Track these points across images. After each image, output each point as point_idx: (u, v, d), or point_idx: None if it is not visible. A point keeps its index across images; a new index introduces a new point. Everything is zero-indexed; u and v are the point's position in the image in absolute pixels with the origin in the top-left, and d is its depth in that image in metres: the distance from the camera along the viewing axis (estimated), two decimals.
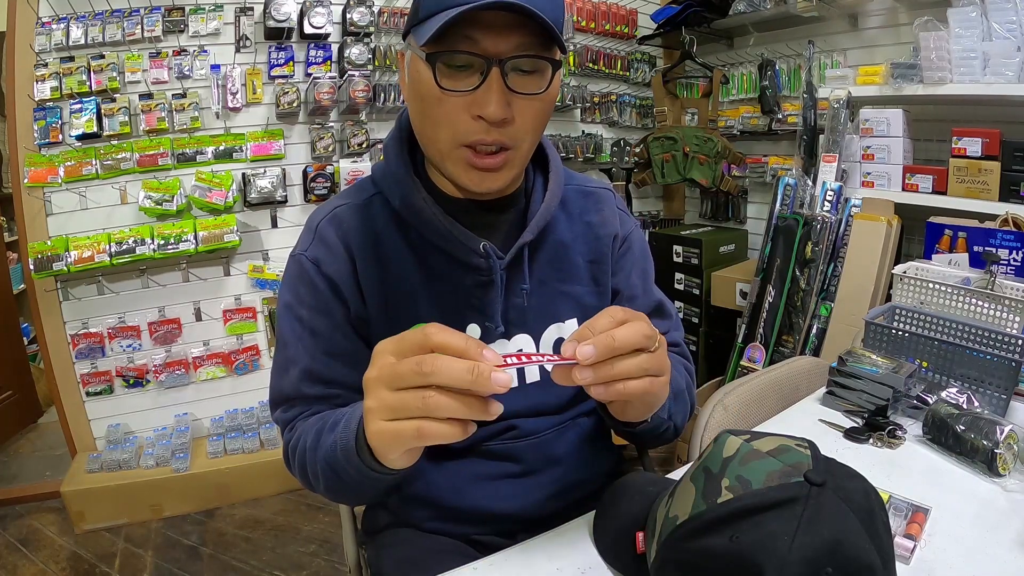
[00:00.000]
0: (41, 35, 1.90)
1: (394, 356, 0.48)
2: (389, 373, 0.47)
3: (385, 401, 0.47)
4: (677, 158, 2.58)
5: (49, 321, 2.03)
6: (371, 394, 0.49)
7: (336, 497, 0.72)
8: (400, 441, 0.48)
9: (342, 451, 0.59)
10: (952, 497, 0.74)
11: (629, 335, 0.50)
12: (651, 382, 0.53)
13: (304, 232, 0.77)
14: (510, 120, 0.64)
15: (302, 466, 0.70)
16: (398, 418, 0.47)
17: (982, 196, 1.78)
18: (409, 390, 0.46)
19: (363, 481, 0.59)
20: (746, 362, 2.26)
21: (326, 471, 0.64)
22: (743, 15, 2.41)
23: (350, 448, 0.58)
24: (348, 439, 0.58)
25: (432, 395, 0.45)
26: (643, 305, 0.87)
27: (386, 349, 0.49)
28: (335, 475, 0.62)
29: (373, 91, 2.21)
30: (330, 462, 0.62)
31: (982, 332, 1.02)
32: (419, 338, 0.46)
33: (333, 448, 0.61)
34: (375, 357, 0.50)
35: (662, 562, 0.54)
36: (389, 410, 0.47)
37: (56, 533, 1.99)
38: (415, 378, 0.45)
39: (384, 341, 0.50)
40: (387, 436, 0.48)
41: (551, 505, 0.80)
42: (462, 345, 0.45)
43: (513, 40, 0.61)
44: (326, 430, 0.65)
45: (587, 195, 0.85)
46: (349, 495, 0.73)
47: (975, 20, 1.74)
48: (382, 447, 0.51)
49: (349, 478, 0.60)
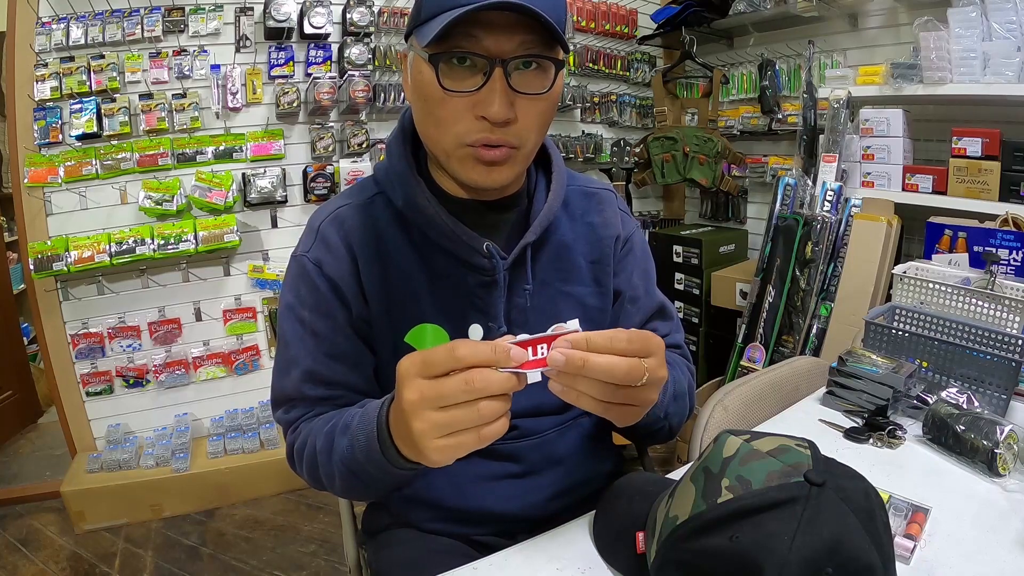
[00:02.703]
0: (41, 35, 1.90)
1: (423, 378, 0.49)
2: (434, 395, 0.49)
3: (436, 421, 0.49)
4: (677, 158, 2.58)
5: (49, 321, 2.03)
6: (417, 416, 0.50)
7: (352, 496, 0.75)
8: (463, 451, 0.51)
9: (361, 452, 0.61)
10: (952, 497, 0.74)
11: (604, 366, 0.50)
12: (606, 408, 0.54)
13: (306, 233, 0.77)
14: (513, 120, 0.64)
15: (312, 468, 0.70)
16: (453, 432, 0.50)
17: (982, 196, 1.78)
18: (459, 406, 0.49)
19: (386, 478, 0.62)
20: (746, 362, 2.26)
21: (344, 474, 0.66)
22: (743, 15, 2.40)
23: (372, 449, 0.59)
24: (368, 440, 0.60)
25: (484, 404, 0.48)
26: (645, 307, 0.87)
27: (414, 372, 0.50)
28: (353, 475, 0.64)
29: (373, 91, 2.21)
30: (348, 464, 0.64)
31: (982, 332, 1.02)
32: (448, 359, 0.48)
33: (350, 450, 0.63)
34: (403, 379, 0.50)
35: (662, 562, 0.54)
36: (443, 427, 0.49)
37: (56, 533, 1.99)
38: (464, 396, 0.48)
39: (406, 362, 0.51)
40: (450, 451, 0.50)
41: (552, 505, 0.80)
42: (491, 355, 0.48)
43: (516, 40, 0.61)
44: (337, 433, 0.66)
45: (589, 196, 0.85)
46: (368, 493, 0.74)
47: (975, 20, 1.74)
48: (445, 460, 0.52)
49: (370, 478, 0.63)
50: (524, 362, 0.50)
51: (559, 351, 0.50)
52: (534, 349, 0.50)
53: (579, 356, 0.50)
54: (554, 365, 0.50)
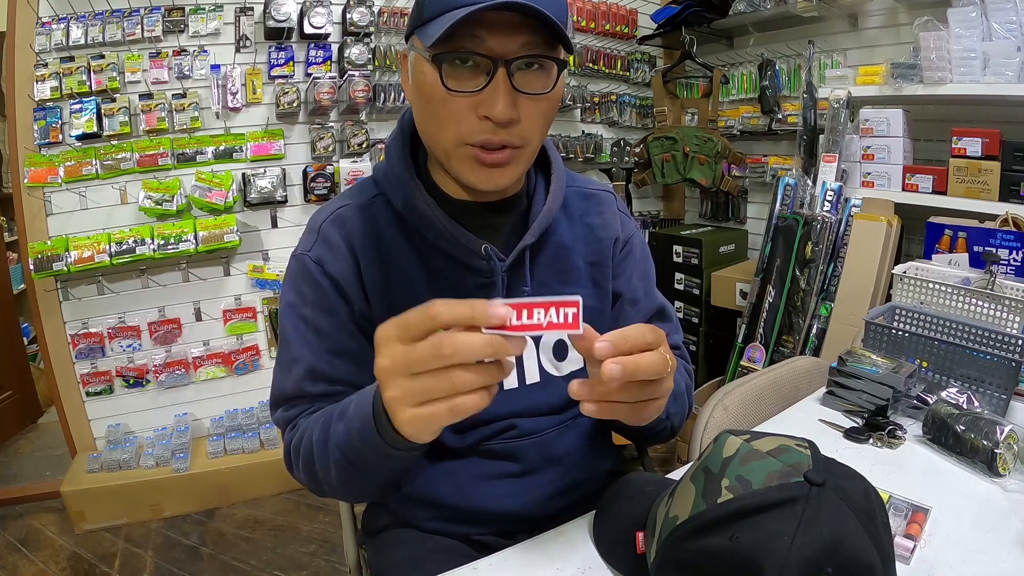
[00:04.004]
0: (41, 35, 1.90)
1: (401, 342, 0.47)
2: (405, 360, 0.46)
3: (409, 388, 0.47)
4: (677, 158, 2.58)
5: (49, 321, 2.03)
6: (390, 384, 0.48)
7: (348, 490, 0.69)
8: (435, 423, 0.48)
9: (357, 435, 0.58)
10: (952, 497, 0.74)
11: (650, 365, 0.50)
12: (640, 409, 0.54)
13: (306, 233, 0.77)
14: (516, 120, 0.64)
15: (308, 462, 0.68)
16: (427, 401, 0.47)
17: (982, 196, 1.78)
18: (431, 373, 0.45)
19: (382, 463, 0.59)
20: (746, 362, 2.26)
21: (340, 462, 0.63)
22: (743, 15, 2.40)
23: (368, 430, 0.56)
24: (364, 423, 0.57)
25: (457, 373, 0.45)
26: (645, 308, 0.87)
27: (391, 335, 0.47)
28: (349, 464, 0.62)
29: (373, 91, 2.21)
30: (344, 450, 0.61)
31: (982, 332, 1.02)
32: (423, 319, 0.45)
33: (347, 435, 0.60)
34: (380, 344, 0.48)
35: (662, 562, 0.54)
36: (415, 396, 0.47)
37: (56, 533, 1.99)
38: (435, 361, 0.45)
39: (385, 326, 0.48)
40: (421, 421, 0.48)
41: (551, 505, 0.80)
42: (469, 313, 0.44)
43: (519, 40, 0.61)
44: (334, 420, 0.64)
45: (588, 197, 0.85)
46: (364, 486, 0.69)
47: (975, 20, 1.74)
48: (417, 432, 0.50)
49: (366, 464, 0.60)
50: (513, 324, 0.45)
51: (613, 363, 0.48)
52: (529, 313, 0.45)
53: (632, 361, 0.49)
54: (613, 378, 0.47)
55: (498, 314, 0.44)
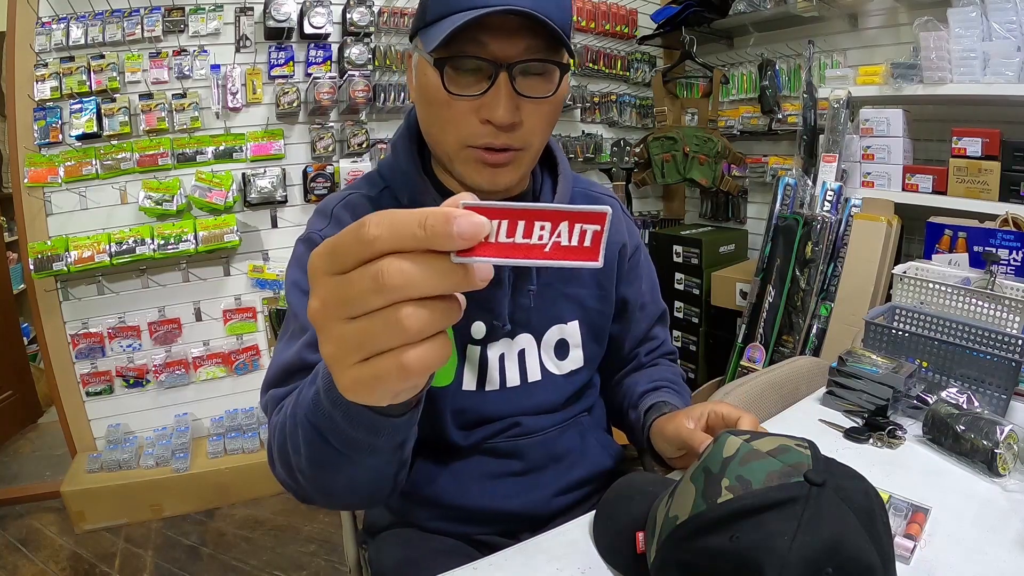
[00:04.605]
0: (41, 35, 1.90)
1: (333, 273, 0.32)
2: (337, 298, 0.32)
3: (346, 338, 0.33)
4: (677, 158, 2.57)
5: (49, 321, 2.03)
6: (324, 333, 0.34)
7: (322, 480, 0.55)
8: (383, 386, 0.34)
9: (326, 395, 0.45)
10: (952, 497, 0.74)
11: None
12: None
13: (317, 216, 0.77)
14: (518, 124, 0.64)
15: (282, 445, 0.57)
16: (372, 355, 0.33)
17: (982, 196, 1.78)
18: (372, 315, 0.31)
19: (357, 434, 0.46)
20: (746, 362, 2.26)
21: (309, 435, 0.50)
22: (743, 15, 2.40)
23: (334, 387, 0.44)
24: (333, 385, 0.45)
25: (408, 312, 0.30)
26: (651, 313, 0.92)
27: (320, 266, 0.32)
28: (320, 438, 0.49)
29: (373, 91, 2.21)
30: (313, 419, 0.48)
31: (982, 332, 1.01)
32: (353, 239, 0.31)
33: (315, 397, 0.47)
34: (312, 279, 0.33)
35: (662, 562, 0.54)
36: (356, 349, 0.33)
37: (56, 533, 1.99)
38: (375, 298, 0.30)
39: (315, 253, 0.33)
40: (365, 385, 0.34)
41: (553, 503, 0.80)
42: (420, 234, 0.29)
43: (521, 44, 0.61)
44: (306, 385, 0.52)
45: (593, 199, 0.85)
46: (340, 465, 0.52)
47: (975, 20, 1.74)
48: (364, 398, 0.36)
49: (340, 437, 0.47)
50: (497, 242, 0.30)
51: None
52: (528, 227, 0.30)
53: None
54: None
55: (470, 228, 0.29)
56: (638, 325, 0.91)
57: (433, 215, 0.29)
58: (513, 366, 0.78)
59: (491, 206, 0.29)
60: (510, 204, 0.30)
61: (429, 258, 0.30)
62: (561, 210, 0.29)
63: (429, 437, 0.77)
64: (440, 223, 0.29)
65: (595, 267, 0.31)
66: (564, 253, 0.30)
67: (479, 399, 0.77)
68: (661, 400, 0.83)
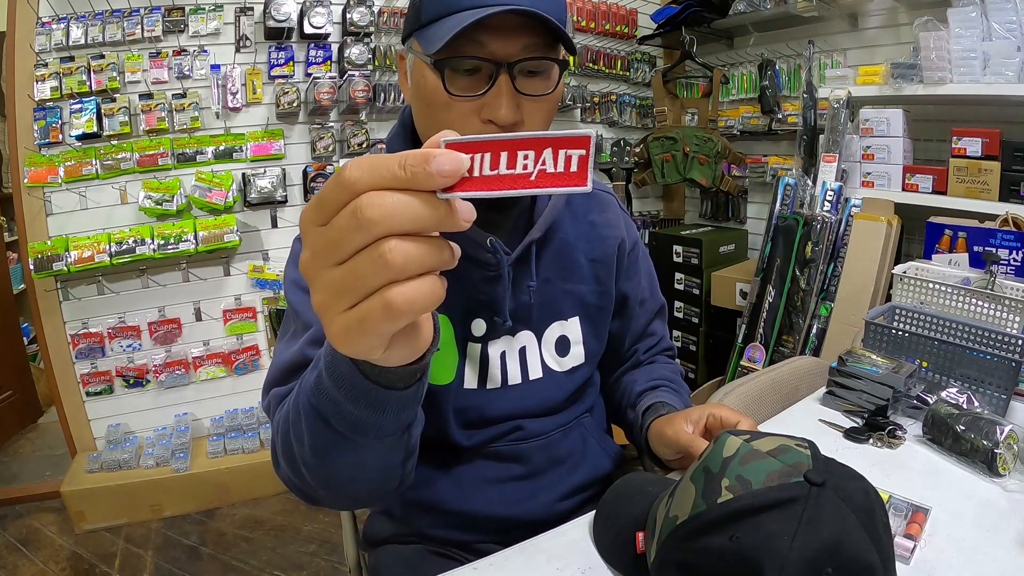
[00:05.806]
0: (41, 35, 1.90)
1: (319, 223, 0.32)
2: (324, 244, 0.32)
3: (334, 283, 0.32)
4: (677, 158, 2.57)
5: (49, 321, 2.03)
6: (315, 284, 0.33)
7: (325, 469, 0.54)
8: (370, 330, 0.33)
9: (329, 374, 0.45)
10: (952, 497, 0.74)
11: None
12: None
13: None
14: (520, 123, 0.64)
15: (285, 436, 0.57)
16: (360, 300, 0.32)
17: (982, 196, 1.78)
18: (357, 255, 0.31)
19: (362, 416, 0.46)
20: (746, 362, 2.26)
21: (313, 421, 0.50)
22: (743, 15, 2.41)
23: (339, 362, 0.44)
24: (335, 360, 0.45)
25: (391, 245, 0.30)
26: (650, 307, 0.92)
27: (309, 218, 0.33)
28: (324, 425, 0.49)
29: (373, 91, 2.21)
30: (315, 403, 0.48)
31: (982, 332, 1.01)
32: (336, 190, 0.31)
33: (318, 380, 0.47)
34: (303, 234, 0.34)
35: (662, 562, 0.54)
36: (344, 292, 0.32)
37: (56, 533, 1.99)
38: (357, 235, 0.30)
39: (304, 209, 0.34)
40: (353, 330, 0.33)
41: (557, 507, 0.80)
42: (400, 174, 0.30)
43: (520, 42, 0.61)
44: (309, 371, 0.52)
45: (590, 196, 0.85)
46: (344, 452, 0.52)
47: (975, 20, 1.74)
48: (351, 348, 0.35)
49: (343, 419, 0.47)
50: (481, 176, 0.30)
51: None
52: (511, 156, 0.30)
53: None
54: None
55: (449, 164, 0.29)
56: (637, 321, 0.91)
57: (412, 155, 0.30)
58: (514, 363, 0.78)
59: (472, 139, 0.30)
60: (492, 136, 0.30)
61: (409, 193, 0.30)
62: (544, 137, 0.30)
63: (432, 438, 0.77)
64: (419, 162, 0.29)
65: (583, 191, 0.31)
66: (551, 180, 0.30)
67: (481, 397, 0.77)
68: (659, 400, 0.83)
